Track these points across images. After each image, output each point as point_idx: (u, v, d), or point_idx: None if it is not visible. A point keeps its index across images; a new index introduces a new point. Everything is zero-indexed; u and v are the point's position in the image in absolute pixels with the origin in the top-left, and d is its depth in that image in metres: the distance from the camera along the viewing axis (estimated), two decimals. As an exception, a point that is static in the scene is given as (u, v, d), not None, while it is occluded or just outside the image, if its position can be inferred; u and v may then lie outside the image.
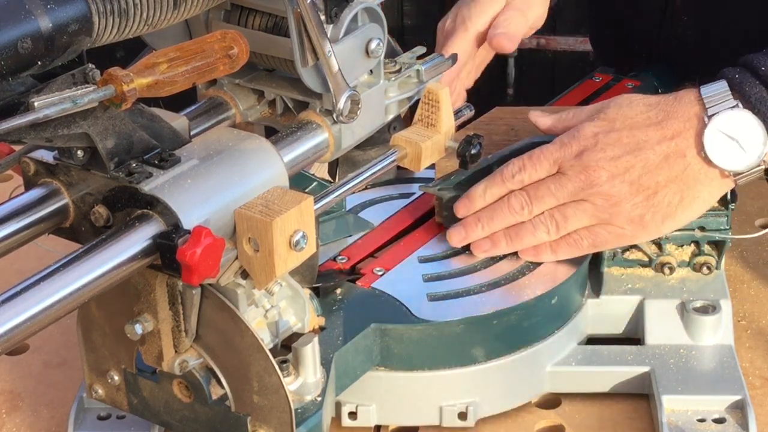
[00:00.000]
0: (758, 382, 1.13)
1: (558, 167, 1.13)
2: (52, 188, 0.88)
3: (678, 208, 1.12)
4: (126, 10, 0.81)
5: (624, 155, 1.12)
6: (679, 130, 1.12)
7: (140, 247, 0.83)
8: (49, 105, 0.78)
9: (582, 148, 1.13)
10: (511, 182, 1.15)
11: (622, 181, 1.11)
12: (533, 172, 1.14)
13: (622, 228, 1.13)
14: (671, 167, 1.11)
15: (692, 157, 1.11)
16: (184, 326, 0.89)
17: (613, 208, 1.12)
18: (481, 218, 1.15)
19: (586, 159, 1.12)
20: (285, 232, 0.86)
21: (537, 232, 1.14)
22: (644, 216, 1.12)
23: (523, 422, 1.10)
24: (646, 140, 1.12)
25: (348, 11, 0.96)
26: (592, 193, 1.12)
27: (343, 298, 1.09)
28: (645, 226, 1.13)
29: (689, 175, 1.12)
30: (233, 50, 0.87)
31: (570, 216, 1.13)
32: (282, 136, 0.97)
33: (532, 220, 1.14)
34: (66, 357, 1.21)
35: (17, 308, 0.77)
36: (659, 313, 1.15)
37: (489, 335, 1.08)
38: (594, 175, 1.11)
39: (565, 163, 1.13)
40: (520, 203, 1.14)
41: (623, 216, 1.12)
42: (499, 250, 1.15)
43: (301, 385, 0.97)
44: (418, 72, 1.07)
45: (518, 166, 1.14)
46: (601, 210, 1.12)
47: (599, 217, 1.13)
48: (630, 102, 1.15)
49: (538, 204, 1.13)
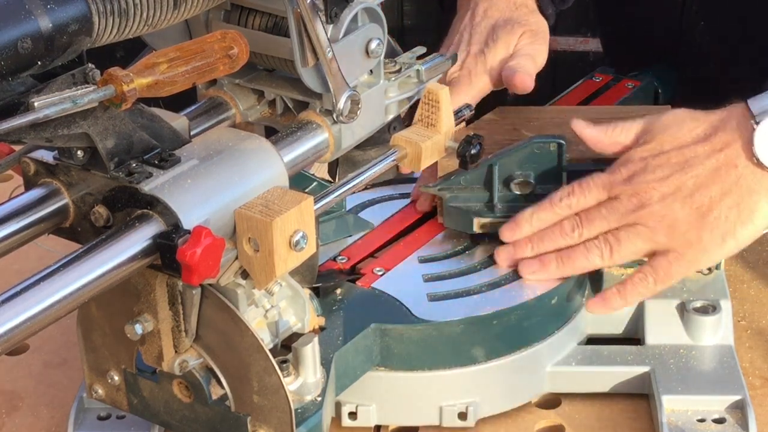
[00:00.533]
0: (758, 382, 1.13)
1: (608, 193, 1.12)
2: (52, 188, 0.88)
3: (737, 223, 1.09)
4: (126, 10, 0.81)
5: (674, 174, 1.10)
6: (727, 141, 1.09)
7: (140, 247, 0.83)
8: (49, 105, 0.78)
9: (631, 172, 1.11)
10: (559, 206, 1.13)
11: (674, 200, 1.09)
12: (582, 197, 1.12)
13: (682, 253, 1.10)
14: (723, 179, 1.09)
15: (744, 166, 1.09)
16: (184, 326, 0.89)
17: (668, 229, 1.09)
18: (532, 240, 1.13)
19: (636, 182, 1.10)
20: (285, 232, 0.86)
21: (590, 256, 1.11)
22: (702, 236, 1.09)
23: (523, 422, 1.10)
24: (695, 156, 1.10)
25: (348, 11, 0.96)
26: (644, 214, 1.10)
27: (343, 298, 1.09)
28: (705, 247, 1.10)
29: (743, 186, 1.09)
30: (233, 50, 0.87)
31: (623, 239, 1.10)
32: (282, 136, 0.97)
33: (585, 244, 1.12)
34: (66, 357, 1.21)
35: (17, 308, 0.77)
36: (659, 313, 1.15)
37: (489, 335, 1.08)
38: (645, 196, 1.10)
39: (615, 189, 1.11)
40: (572, 225, 1.12)
41: (680, 237, 1.10)
42: (549, 272, 1.11)
43: (301, 385, 0.97)
44: (418, 72, 1.07)
45: (567, 191, 1.13)
46: (655, 232, 1.10)
47: (655, 241, 1.10)
48: (676, 120, 1.13)
49: (590, 227, 1.11)
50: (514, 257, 1.13)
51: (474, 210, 1.18)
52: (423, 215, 1.23)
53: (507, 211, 1.18)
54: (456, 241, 1.19)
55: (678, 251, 1.10)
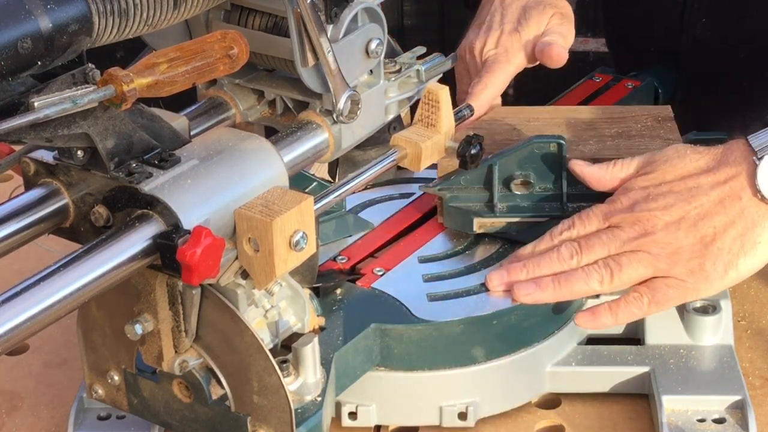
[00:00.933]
0: (758, 382, 1.13)
1: (608, 222, 1.11)
2: (52, 188, 0.88)
3: (739, 255, 1.08)
4: (126, 10, 0.81)
5: (677, 203, 1.09)
6: (731, 174, 1.09)
7: (140, 247, 0.83)
8: (49, 105, 0.78)
9: (632, 201, 1.10)
10: (559, 239, 1.12)
11: (677, 228, 1.08)
12: (582, 228, 1.11)
13: (683, 280, 1.09)
14: (727, 210, 1.08)
15: (748, 199, 1.08)
16: (184, 326, 0.89)
17: (671, 256, 1.08)
18: (527, 265, 1.10)
19: (638, 210, 1.09)
20: (285, 232, 0.86)
21: (590, 281, 1.09)
22: (704, 264, 1.08)
23: (523, 422, 1.10)
24: (698, 186, 1.09)
25: (348, 11, 0.96)
26: (647, 242, 1.09)
27: (343, 298, 1.09)
28: (707, 276, 1.09)
29: (747, 218, 1.08)
30: (233, 50, 0.87)
31: (625, 264, 1.09)
32: (282, 136, 0.97)
33: (584, 268, 1.09)
34: (66, 357, 1.21)
35: (17, 308, 0.77)
36: (659, 313, 1.14)
37: (489, 335, 1.07)
38: (648, 224, 1.09)
39: (616, 217, 1.10)
40: (570, 252, 1.10)
41: (682, 265, 1.09)
42: (545, 296, 1.09)
43: (301, 385, 0.97)
44: (418, 72, 1.07)
45: (567, 224, 1.12)
46: (658, 259, 1.08)
47: (657, 267, 1.09)
48: (678, 153, 1.13)
49: (589, 254, 1.09)
50: (508, 281, 1.10)
51: (474, 210, 1.18)
52: (423, 215, 1.23)
53: (507, 211, 1.18)
54: (456, 241, 1.19)
55: (679, 278, 1.09)
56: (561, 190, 1.18)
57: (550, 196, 1.19)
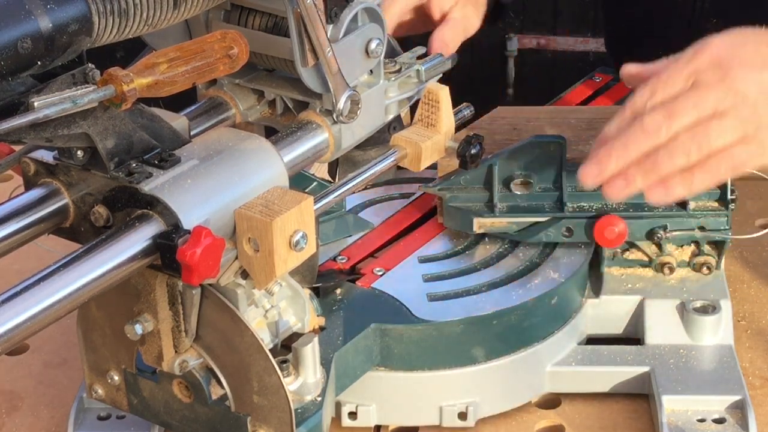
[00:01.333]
0: (758, 382, 1.13)
1: (692, 81, 1.00)
2: (52, 188, 0.88)
3: None
4: (126, 10, 0.81)
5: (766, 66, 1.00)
6: None
7: (140, 247, 0.83)
8: (49, 105, 0.78)
9: (716, 56, 1.01)
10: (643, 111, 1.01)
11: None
12: (663, 92, 1.00)
13: (765, 146, 1.00)
14: None
15: None
16: (184, 326, 0.89)
17: (762, 119, 0.99)
18: (614, 149, 0.99)
19: (726, 65, 1.00)
20: (285, 232, 0.86)
21: (675, 158, 0.98)
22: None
23: (523, 422, 1.10)
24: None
25: (348, 11, 0.96)
26: (737, 102, 0.98)
27: (343, 298, 1.10)
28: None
29: None
30: (233, 50, 0.87)
31: (713, 134, 0.98)
32: (282, 136, 0.97)
33: (667, 146, 0.98)
34: (66, 357, 1.21)
35: (17, 308, 0.77)
36: (659, 313, 1.15)
37: (489, 335, 1.08)
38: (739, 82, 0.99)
39: (702, 74, 1.00)
40: (657, 123, 0.98)
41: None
42: (635, 187, 0.99)
43: (301, 385, 0.97)
44: (418, 72, 1.07)
45: (649, 90, 1.00)
46: (747, 123, 0.99)
47: (745, 131, 0.99)
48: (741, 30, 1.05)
49: (678, 120, 0.98)
50: (602, 175, 1.00)
51: (474, 210, 1.18)
52: (423, 215, 1.23)
53: (507, 211, 1.18)
54: (456, 241, 1.19)
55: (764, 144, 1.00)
56: (561, 190, 1.18)
57: (550, 196, 1.19)
